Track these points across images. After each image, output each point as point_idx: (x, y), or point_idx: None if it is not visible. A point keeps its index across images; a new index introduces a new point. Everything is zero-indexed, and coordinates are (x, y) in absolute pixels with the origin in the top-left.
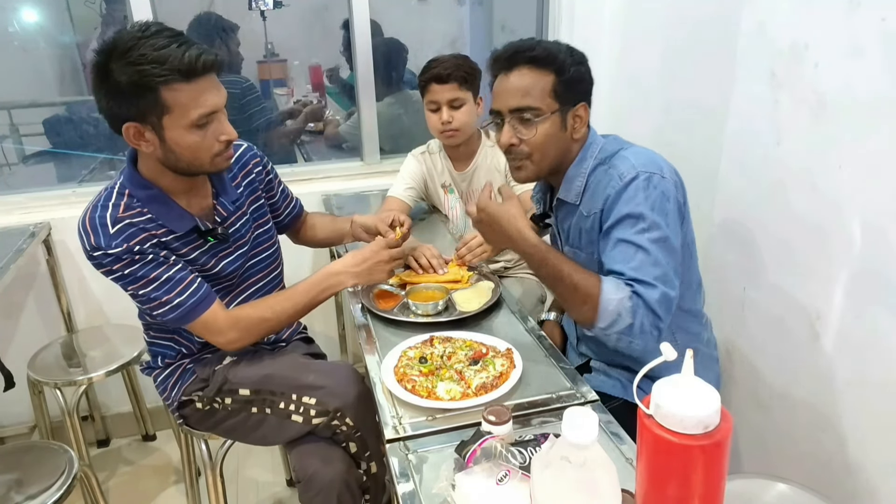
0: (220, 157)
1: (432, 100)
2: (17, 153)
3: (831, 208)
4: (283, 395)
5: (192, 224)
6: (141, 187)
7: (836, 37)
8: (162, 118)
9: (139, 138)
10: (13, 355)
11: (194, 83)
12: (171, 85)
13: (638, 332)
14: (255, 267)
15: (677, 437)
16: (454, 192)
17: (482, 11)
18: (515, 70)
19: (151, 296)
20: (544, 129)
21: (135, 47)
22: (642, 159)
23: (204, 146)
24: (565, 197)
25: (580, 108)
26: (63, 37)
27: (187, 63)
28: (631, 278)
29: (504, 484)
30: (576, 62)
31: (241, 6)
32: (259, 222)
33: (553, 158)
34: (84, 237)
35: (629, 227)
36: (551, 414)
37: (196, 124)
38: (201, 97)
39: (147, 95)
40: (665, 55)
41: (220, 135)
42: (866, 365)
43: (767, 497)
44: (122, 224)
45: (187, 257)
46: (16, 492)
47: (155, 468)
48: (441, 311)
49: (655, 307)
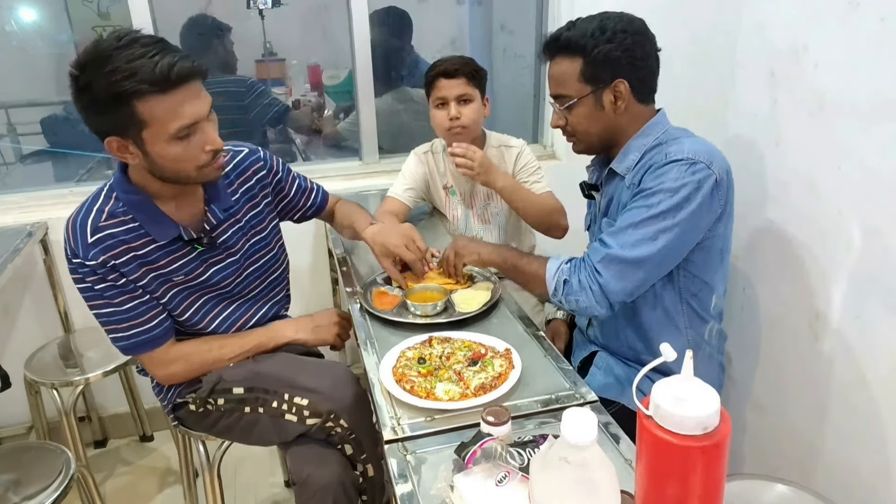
0: (207, 168)
1: (440, 96)
2: (15, 152)
3: (830, 209)
4: (275, 393)
5: (175, 233)
6: (128, 192)
7: (836, 37)
8: (141, 132)
9: (123, 151)
10: (10, 355)
11: (170, 94)
12: (144, 98)
13: (577, 289)
14: (253, 275)
15: (676, 438)
16: (456, 193)
17: (481, 11)
18: (553, 59)
19: (109, 318)
20: (579, 112)
21: (109, 59)
22: (697, 147)
23: (188, 157)
24: (617, 168)
25: (618, 84)
26: (61, 36)
27: (159, 74)
28: (599, 239)
29: (504, 485)
30: (605, 40)
31: (239, 5)
32: (256, 230)
33: (599, 135)
34: (66, 239)
35: (640, 200)
36: (550, 415)
37: (177, 136)
38: (179, 108)
39: (122, 109)
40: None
41: (205, 145)
42: (865, 365)
43: (766, 498)
44: (102, 234)
45: (166, 268)
46: (13, 492)
47: (152, 469)
48: (440, 312)
49: (596, 263)
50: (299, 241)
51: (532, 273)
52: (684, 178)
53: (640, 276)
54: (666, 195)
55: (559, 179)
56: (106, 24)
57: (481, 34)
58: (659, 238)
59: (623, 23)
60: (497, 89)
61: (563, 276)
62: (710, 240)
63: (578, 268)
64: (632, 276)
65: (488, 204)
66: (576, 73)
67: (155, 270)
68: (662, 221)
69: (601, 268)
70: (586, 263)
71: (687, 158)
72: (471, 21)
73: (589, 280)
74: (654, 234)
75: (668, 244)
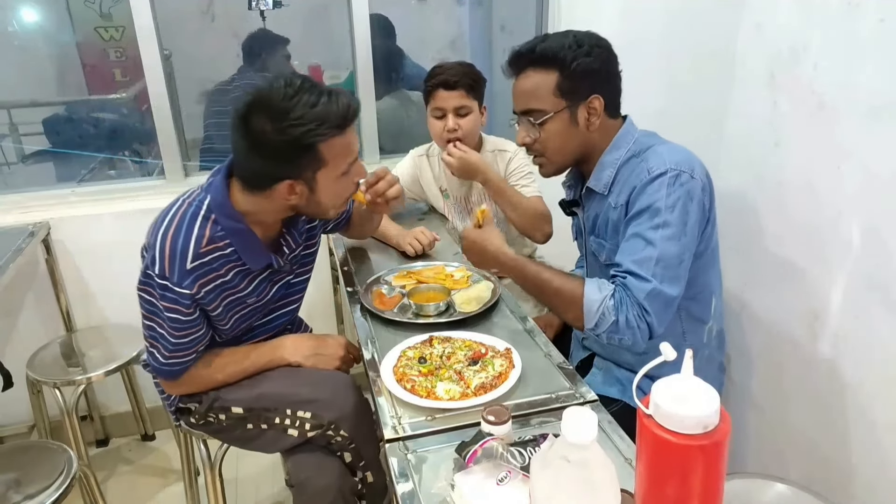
0: (346, 202)
1: (438, 106)
2: (17, 152)
3: (830, 209)
4: (276, 410)
5: (268, 261)
6: (229, 218)
7: (835, 38)
8: (317, 172)
9: (290, 193)
10: (12, 355)
11: (346, 133)
12: (328, 140)
13: (624, 328)
14: (293, 288)
15: (676, 437)
16: (449, 196)
17: (482, 12)
18: (522, 73)
19: (158, 339)
20: (552, 128)
21: (290, 108)
22: (676, 157)
23: (346, 191)
24: (594, 186)
25: (593, 100)
26: (63, 36)
27: (342, 115)
28: (627, 270)
29: (504, 484)
30: (583, 54)
31: (240, 6)
32: (307, 244)
33: (571, 153)
34: (158, 260)
35: (645, 221)
36: (550, 414)
37: (345, 172)
38: (351, 145)
39: (307, 154)
40: (664, 57)
41: (358, 177)
42: (864, 365)
43: (766, 497)
44: (199, 262)
45: (243, 291)
46: (14, 491)
47: (154, 468)
48: (442, 312)
49: (643, 301)
50: None
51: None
52: (676, 193)
53: (675, 308)
54: (667, 217)
55: (551, 185)
56: (108, 25)
57: (481, 35)
58: (684, 261)
59: (595, 38)
60: (496, 91)
61: (609, 315)
62: (702, 244)
63: (623, 304)
64: (671, 310)
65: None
66: (551, 87)
67: (233, 294)
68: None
69: (648, 305)
70: (631, 301)
71: (670, 170)
72: (471, 22)
73: (637, 320)
74: (677, 263)
75: (687, 268)
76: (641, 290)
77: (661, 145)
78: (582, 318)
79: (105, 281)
